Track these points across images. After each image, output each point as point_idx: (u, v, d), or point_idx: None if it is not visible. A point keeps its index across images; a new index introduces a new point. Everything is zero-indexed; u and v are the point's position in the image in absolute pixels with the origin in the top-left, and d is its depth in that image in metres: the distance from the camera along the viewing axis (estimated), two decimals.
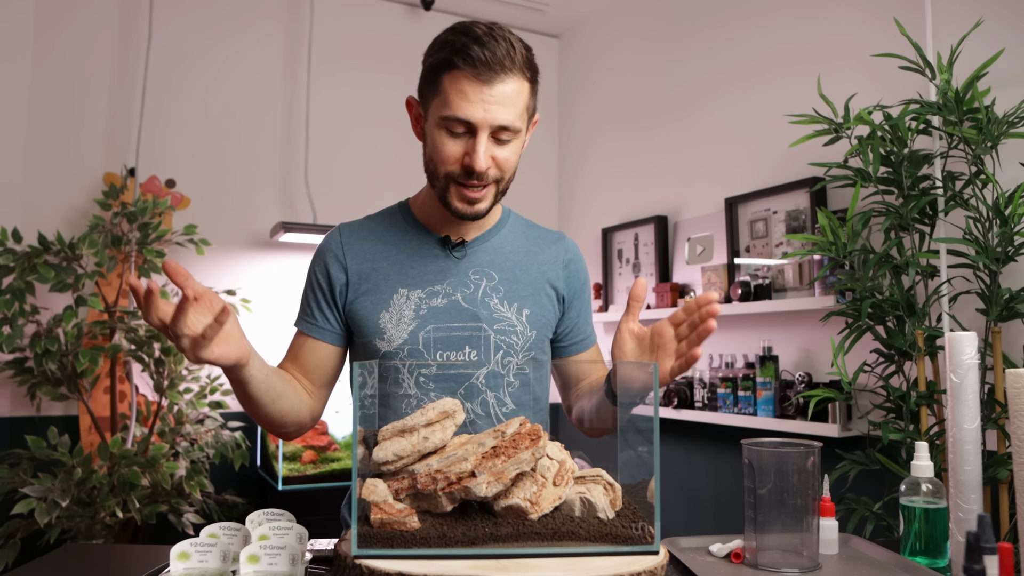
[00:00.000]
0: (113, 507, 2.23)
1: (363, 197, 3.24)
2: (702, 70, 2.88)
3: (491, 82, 1.05)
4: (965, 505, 1.02)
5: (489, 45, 1.05)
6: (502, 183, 1.14)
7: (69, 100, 2.78)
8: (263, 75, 3.13)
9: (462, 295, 1.19)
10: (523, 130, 1.13)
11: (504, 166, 1.12)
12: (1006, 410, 1.10)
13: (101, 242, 2.42)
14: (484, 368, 1.17)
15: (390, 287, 1.19)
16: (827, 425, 2.11)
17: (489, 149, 1.09)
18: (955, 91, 1.72)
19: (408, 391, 1.16)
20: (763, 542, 0.99)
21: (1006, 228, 1.63)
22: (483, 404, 1.16)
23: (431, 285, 1.19)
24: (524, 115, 1.11)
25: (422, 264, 1.21)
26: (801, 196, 2.38)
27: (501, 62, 1.05)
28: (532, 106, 1.15)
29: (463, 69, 1.05)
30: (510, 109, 1.07)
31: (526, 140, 1.19)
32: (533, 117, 1.18)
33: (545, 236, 1.31)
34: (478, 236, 1.24)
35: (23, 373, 2.37)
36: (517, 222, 1.31)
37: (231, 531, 0.95)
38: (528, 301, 1.22)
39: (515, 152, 1.13)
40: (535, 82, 1.14)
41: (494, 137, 1.09)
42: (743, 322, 2.59)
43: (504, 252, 1.25)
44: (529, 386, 1.21)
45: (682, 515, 2.77)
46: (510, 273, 1.23)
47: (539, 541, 0.83)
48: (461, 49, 1.05)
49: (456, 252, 1.22)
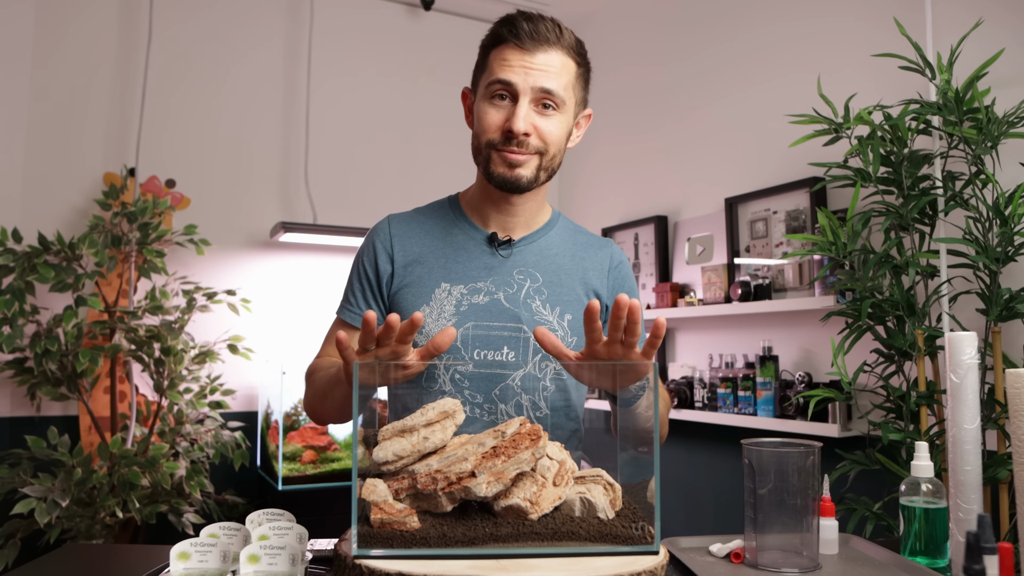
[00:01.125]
0: (113, 507, 2.23)
1: (363, 197, 3.25)
2: (702, 70, 2.88)
3: (534, 51, 1.09)
4: (965, 505, 1.02)
5: (535, 20, 1.10)
6: (545, 157, 1.14)
7: (69, 100, 2.78)
8: (263, 75, 3.13)
9: (504, 294, 1.17)
10: (568, 105, 1.13)
11: (547, 138, 1.12)
12: (1006, 410, 1.10)
13: (101, 242, 2.42)
14: (521, 370, 1.15)
15: (433, 281, 1.18)
16: (827, 425, 2.11)
17: (531, 116, 1.10)
18: (955, 91, 1.72)
19: (443, 387, 1.15)
20: (763, 542, 0.99)
21: (1006, 228, 1.63)
22: (517, 407, 1.14)
23: (474, 282, 1.18)
24: (570, 91, 1.13)
25: (467, 259, 1.20)
26: (801, 196, 2.38)
27: (545, 35, 1.09)
28: (579, 93, 1.16)
29: (508, 41, 1.10)
30: (553, 77, 1.09)
31: (578, 133, 1.21)
32: (584, 108, 1.19)
33: (592, 242, 1.30)
34: (525, 236, 1.23)
35: (23, 373, 2.37)
36: (566, 226, 1.30)
37: (231, 531, 0.95)
38: (571, 306, 1.20)
39: (559, 127, 1.13)
40: (584, 67, 1.15)
41: (538, 104, 1.10)
42: (743, 322, 2.59)
43: (550, 254, 1.23)
44: (566, 392, 1.19)
45: (682, 515, 2.77)
46: (555, 276, 1.21)
47: (539, 541, 0.83)
48: (507, 23, 1.10)
49: (502, 250, 1.20)
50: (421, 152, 3.40)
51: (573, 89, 1.14)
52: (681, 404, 2.64)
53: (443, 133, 3.41)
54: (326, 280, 3.14)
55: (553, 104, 1.11)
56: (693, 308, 2.63)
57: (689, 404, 2.64)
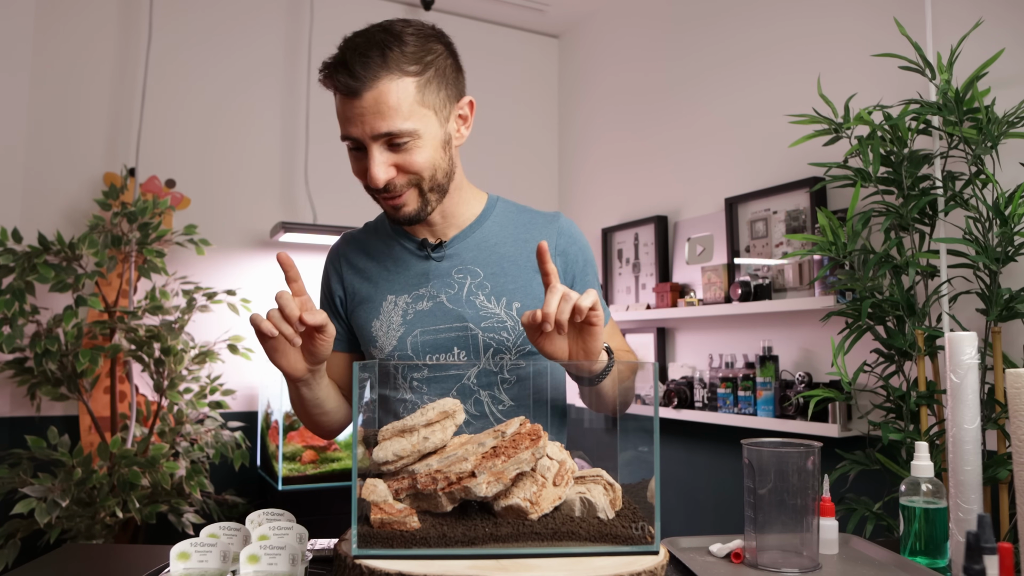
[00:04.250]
0: (113, 507, 2.23)
1: (363, 197, 3.22)
2: (702, 70, 2.88)
3: (359, 93, 1.01)
4: (965, 505, 1.02)
5: (349, 59, 1.02)
6: (424, 183, 1.08)
7: (69, 100, 2.78)
8: (263, 75, 3.13)
9: (446, 296, 1.17)
10: (425, 125, 1.05)
11: (411, 168, 1.06)
12: (1006, 410, 1.10)
13: (101, 242, 2.42)
14: (474, 368, 1.15)
15: (380, 295, 1.20)
16: (827, 425, 2.11)
17: (386, 159, 1.05)
18: (955, 91, 1.72)
19: (404, 395, 1.16)
20: (763, 542, 0.99)
21: (1006, 228, 1.63)
22: (477, 404, 1.15)
23: (416, 289, 1.18)
24: (417, 112, 1.04)
25: (405, 269, 1.20)
26: (801, 196, 2.38)
27: (362, 74, 1.00)
28: (434, 97, 1.06)
29: (336, 91, 1.04)
30: (388, 115, 1.01)
31: (462, 130, 1.13)
32: (457, 102, 1.11)
33: (537, 220, 1.24)
34: (458, 234, 1.20)
35: (23, 373, 2.37)
36: (505, 210, 1.25)
37: (231, 531, 0.95)
38: (518, 294, 1.17)
39: (422, 152, 1.06)
40: (429, 68, 1.05)
41: (388, 145, 1.04)
42: (743, 322, 2.59)
43: (489, 245, 1.20)
44: (527, 381, 1.18)
45: (682, 515, 2.77)
46: (496, 267, 1.18)
47: (539, 541, 0.83)
48: (331, 71, 1.04)
49: (435, 254, 1.20)
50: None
51: (424, 103, 1.04)
52: (681, 404, 2.64)
53: None
54: None
55: (403, 139, 1.03)
56: (693, 308, 2.63)
57: (689, 404, 2.64)
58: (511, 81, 3.66)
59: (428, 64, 1.06)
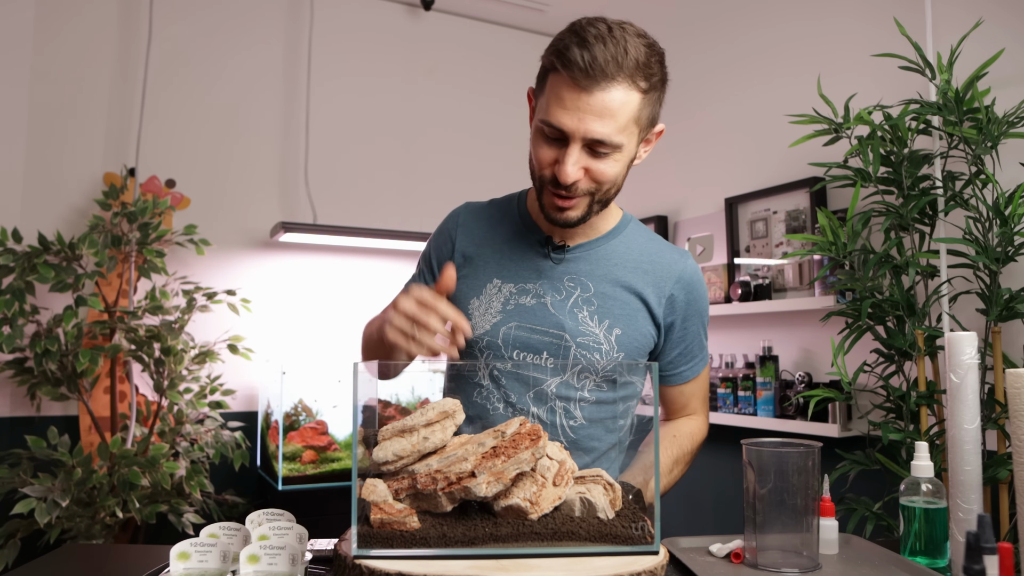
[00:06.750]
0: (113, 507, 2.23)
1: (363, 197, 3.24)
2: (702, 71, 2.88)
3: (590, 89, 0.98)
4: (965, 505, 1.02)
5: (593, 48, 0.97)
6: (598, 194, 1.07)
7: (69, 100, 2.78)
8: (263, 75, 3.13)
9: (551, 299, 1.15)
10: (627, 145, 1.04)
11: (599, 178, 1.04)
12: (1006, 410, 1.10)
13: (101, 242, 2.42)
14: (557, 378, 1.13)
15: (486, 275, 1.19)
16: (827, 425, 2.11)
17: (582, 160, 1.03)
18: (955, 91, 1.72)
19: (481, 381, 1.16)
20: (763, 542, 0.99)
21: (1006, 228, 1.63)
22: (550, 412, 1.13)
23: (524, 283, 1.17)
24: (630, 128, 1.03)
25: (520, 259, 1.18)
26: (801, 196, 2.38)
27: (603, 68, 0.97)
28: (647, 117, 1.05)
29: (562, 73, 1.00)
30: (608, 122, 0.99)
31: (642, 152, 1.11)
32: (653, 127, 1.10)
33: (664, 254, 1.20)
34: (584, 242, 1.18)
35: (23, 373, 2.37)
36: (635, 233, 1.22)
37: (231, 531, 0.95)
38: (621, 321, 1.14)
39: (615, 166, 1.05)
40: (653, 90, 1.04)
41: (590, 148, 1.02)
42: (743, 322, 2.59)
43: (608, 264, 1.17)
44: (609, 405, 1.16)
45: (682, 515, 2.77)
46: (608, 288, 1.15)
47: (539, 541, 0.83)
48: (564, 51, 0.99)
49: (555, 254, 1.18)
50: (421, 152, 3.40)
51: (636, 120, 1.03)
52: None
53: (443, 133, 3.41)
54: (326, 280, 3.14)
55: (607, 149, 1.02)
56: None
57: None
58: (511, 81, 3.65)
59: (654, 84, 1.05)
